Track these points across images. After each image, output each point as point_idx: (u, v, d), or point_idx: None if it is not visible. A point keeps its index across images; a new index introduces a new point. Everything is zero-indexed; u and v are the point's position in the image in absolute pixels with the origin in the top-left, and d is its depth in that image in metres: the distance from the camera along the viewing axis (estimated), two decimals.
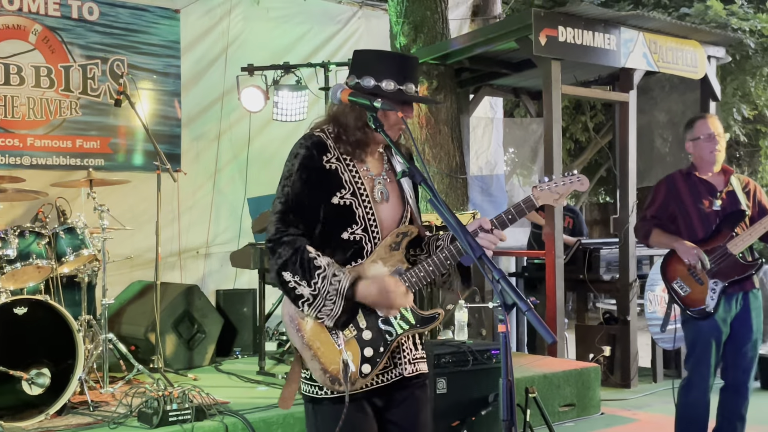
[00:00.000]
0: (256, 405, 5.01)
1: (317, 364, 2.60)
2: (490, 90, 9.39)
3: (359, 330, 2.64)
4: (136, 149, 7.78)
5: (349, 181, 2.70)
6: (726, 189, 4.71)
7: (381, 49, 2.89)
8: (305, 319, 2.62)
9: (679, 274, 4.69)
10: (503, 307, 2.10)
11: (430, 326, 2.73)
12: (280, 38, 8.68)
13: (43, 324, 4.81)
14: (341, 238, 2.68)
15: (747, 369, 4.66)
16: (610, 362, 7.51)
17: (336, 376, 2.59)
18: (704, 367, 4.62)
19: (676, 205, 4.77)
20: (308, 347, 2.61)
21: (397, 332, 2.67)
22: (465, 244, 2.28)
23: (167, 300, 6.58)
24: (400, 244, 2.71)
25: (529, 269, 8.78)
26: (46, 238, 5.27)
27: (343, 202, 2.67)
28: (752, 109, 12.11)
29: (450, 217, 2.33)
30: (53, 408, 4.72)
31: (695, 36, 7.88)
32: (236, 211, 8.17)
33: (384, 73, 2.69)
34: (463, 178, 8.32)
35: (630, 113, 7.67)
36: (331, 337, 2.61)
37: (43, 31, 7.30)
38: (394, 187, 2.80)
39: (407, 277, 2.67)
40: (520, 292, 2.09)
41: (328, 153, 2.71)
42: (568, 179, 2.76)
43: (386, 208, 2.75)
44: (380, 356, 2.65)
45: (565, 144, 13.25)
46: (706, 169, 4.77)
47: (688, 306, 4.65)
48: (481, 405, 4.85)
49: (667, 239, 4.73)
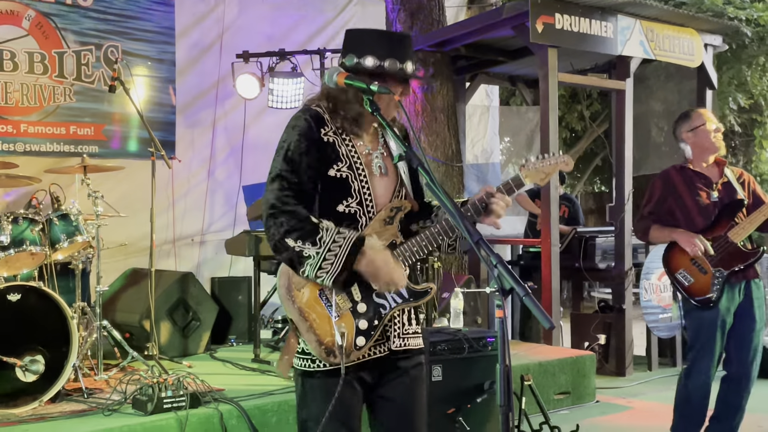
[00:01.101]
0: (251, 392, 4.99)
1: (313, 336, 2.61)
2: (487, 78, 9.37)
3: (354, 303, 2.65)
4: (131, 136, 7.74)
5: (345, 154, 2.71)
6: (721, 180, 4.70)
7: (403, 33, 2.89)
8: (301, 290, 2.63)
9: (683, 264, 4.67)
10: (501, 292, 2.09)
11: (423, 300, 2.75)
12: (275, 25, 8.64)
13: (37, 311, 4.78)
14: (336, 211, 2.69)
15: (750, 360, 4.65)
16: (605, 350, 7.51)
17: (331, 348, 2.61)
18: (707, 357, 4.60)
19: (674, 199, 4.75)
20: (304, 319, 2.62)
21: (391, 305, 2.69)
22: (462, 229, 2.27)
23: (162, 287, 6.57)
24: (394, 219, 2.73)
25: (524, 258, 8.78)
26: (40, 224, 5.23)
27: (340, 174, 2.69)
28: (748, 99, 12.11)
29: (447, 201, 2.32)
30: (47, 395, 4.69)
31: (692, 24, 7.86)
32: (231, 198, 8.15)
33: (385, 51, 2.70)
34: (459, 166, 8.30)
35: (626, 101, 7.66)
36: (326, 310, 2.62)
37: (37, 17, 7.25)
38: (390, 162, 2.82)
39: (400, 251, 2.69)
40: (517, 277, 2.07)
41: (325, 126, 2.72)
42: (553, 159, 2.80)
43: (382, 183, 2.77)
44: (374, 329, 2.67)
45: (561, 133, 13.23)
46: (703, 160, 4.74)
47: (693, 296, 4.63)
48: (477, 392, 4.84)
49: (667, 231, 4.71)
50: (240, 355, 6.50)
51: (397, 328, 2.77)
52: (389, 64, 2.69)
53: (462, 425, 4.71)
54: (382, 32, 2.88)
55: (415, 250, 2.69)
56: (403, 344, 2.78)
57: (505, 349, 2.09)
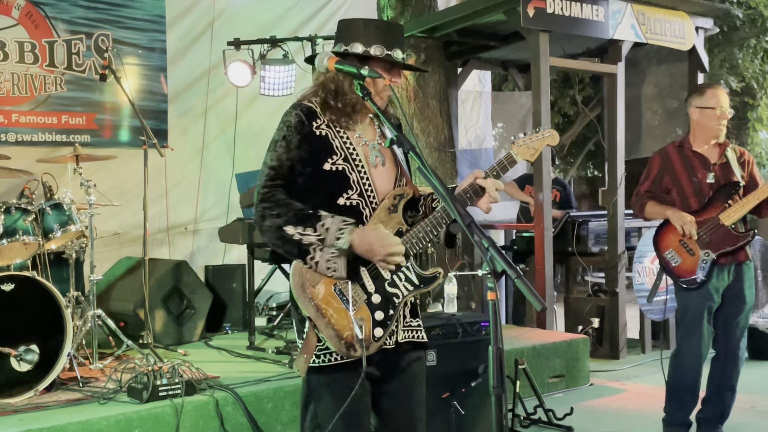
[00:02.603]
0: (246, 379, 5.00)
1: (332, 331, 2.62)
2: (479, 63, 9.36)
3: (368, 294, 2.67)
4: (123, 125, 7.72)
5: (340, 147, 2.72)
6: (720, 161, 4.71)
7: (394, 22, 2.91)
8: (316, 286, 2.63)
9: (672, 245, 4.71)
10: (492, 275, 2.10)
11: (433, 285, 2.77)
12: (266, 12, 8.60)
13: (31, 300, 4.78)
14: (338, 204, 2.70)
15: (738, 339, 4.70)
16: (598, 334, 7.55)
17: (351, 342, 2.62)
18: (695, 336, 4.64)
19: (670, 177, 4.78)
20: (322, 315, 2.63)
21: (403, 293, 2.71)
22: (454, 212, 2.28)
23: (156, 276, 6.57)
24: (398, 206, 2.75)
25: (518, 242, 8.80)
26: (33, 214, 5.22)
27: (335, 167, 2.69)
28: (740, 81, 12.12)
29: (439, 185, 2.33)
30: (42, 384, 4.70)
31: (683, 7, 7.86)
32: (224, 186, 8.13)
33: (372, 39, 2.71)
34: (452, 152, 8.30)
35: (618, 85, 7.66)
36: (343, 304, 2.63)
37: (27, 6, 7.21)
38: (388, 152, 2.83)
39: (407, 239, 2.70)
40: (509, 260, 2.08)
41: (317, 119, 2.73)
42: (540, 134, 2.82)
43: (381, 173, 2.79)
44: (390, 319, 2.69)
45: (554, 118, 13.24)
46: (703, 141, 4.75)
47: (679, 276, 4.68)
48: (471, 377, 4.85)
49: (661, 209, 4.74)
50: (235, 342, 6.52)
51: (403, 321, 2.79)
52: (375, 50, 2.70)
53: (457, 409, 4.73)
54: (371, 20, 2.89)
55: (422, 236, 2.70)
56: (408, 336, 2.81)
57: (497, 330, 2.10)
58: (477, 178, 2.70)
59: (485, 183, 2.68)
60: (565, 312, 8.04)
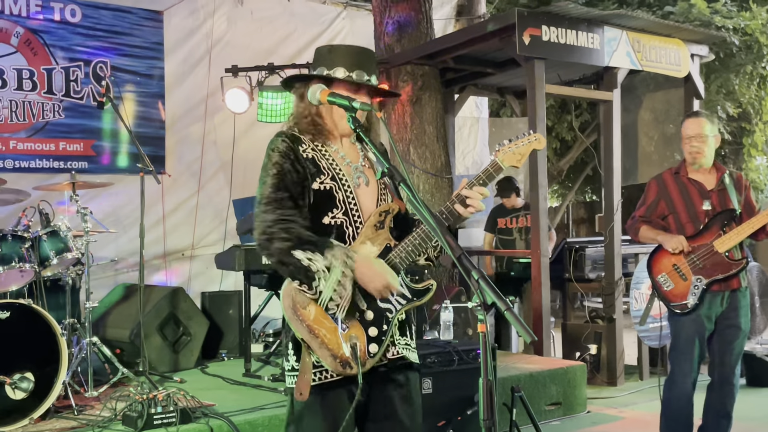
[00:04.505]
0: (241, 407, 4.99)
1: (326, 351, 2.62)
2: (475, 90, 9.40)
3: (361, 312, 2.68)
4: (120, 152, 7.76)
5: (326, 167, 2.77)
6: (717, 188, 4.71)
7: (364, 47, 2.94)
8: (306, 307, 2.63)
9: (665, 269, 4.72)
10: (482, 307, 2.10)
11: (426, 298, 2.78)
12: (264, 39, 8.67)
13: (27, 328, 4.77)
14: (323, 223, 2.73)
15: (732, 366, 4.68)
16: (596, 360, 7.52)
17: (346, 360, 2.62)
18: (686, 361, 4.63)
19: (666, 203, 4.79)
20: (315, 336, 2.62)
21: (396, 308, 2.72)
22: (445, 244, 2.28)
23: (152, 302, 6.56)
24: (384, 222, 2.76)
25: (514, 268, 8.78)
26: (29, 241, 5.23)
27: (323, 186, 2.74)
28: (736, 107, 12.15)
29: (429, 216, 2.34)
30: (37, 412, 4.69)
31: (679, 34, 7.91)
32: (221, 212, 8.15)
33: (336, 62, 2.79)
34: (449, 178, 8.32)
35: (614, 112, 7.70)
36: (334, 323, 2.63)
37: (25, 34, 7.27)
38: (371, 171, 2.87)
39: (396, 254, 2.71)
40: (499, 292, 2.08)
41: (303, 144, 2.79)
42: (526, 139, 2.81)
43: (366, 192, 2.82)
44: (384, 334, 2.69)
45: (551, 143, 13.26)
46: (691, 168, 4.77)
47: (669, 301, 4.69)
48: (467, 404, 4.85)
49: (654, 234, 4.76)
50: (231, 369, 6.50)
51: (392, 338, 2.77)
52: (357, 75, 2.77)
53: None
54: (338, 45, 2.93)
55: (410, 250, 2.71)
56: (397, 352, 2.78)
57: (488, 362, 2.10)
58: (462, 188, 2.73)
59: (470, 193, 2.71)
60: (563, 338, 8.02)
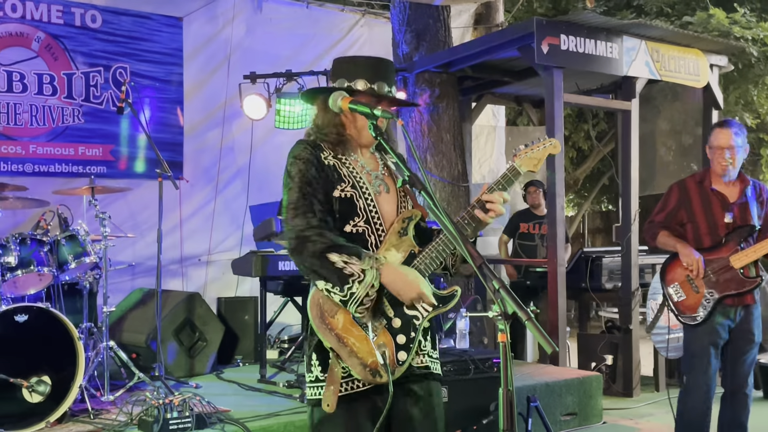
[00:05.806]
0: (256, 413, 4.99)
1: (356, 360, 2.62)
2: (493, 98, 9.40)
3: (388, 319, 2.68)
4: (139, 157, 7.79)
5: (347, 175, 2.77)
6: (739, 201, 4.67)
7: (381, 56, 2.95)
8: (335, 316, 2.63)
9: (678, 279, 4.69)
10: (503, 316, 2.10)
11: (451, 304, 2.77)
12: (282, 46, 8.70)
13: (44, 331, 4.80)
14: (344, 232, 2.73)
15: (746, 375, 4.64)
16: (612, 371, 7.48)
17: (376, 369, 2.61)
18: (700, 372, 4.60)
19: (686, 211, 4.74)
20: (344, 344, 2.62)
21: (423, 315, 2.71)
22: (465, 253, 2.28)
23: (169, 307, 6.58)
24: (407, 229, 2.77)
25: (530, 277, 8.76)
26: (48, 245, 5.26)
27: (344, 194, 2.74)
28: (755, 118, 12.09)
29: (450, 225, 2.34)
30: (54, 416, 4.71)
31: (698, 44, 7.87)
32: (238, 218, 8.17)
33: (356, 74, 2.81)
34: (466, 186, 8.31)
35: (632, 122, 7.66)
36: (363, 331, 2.63)
37: (46, 39, 7.32)
38: (391, 181, 2.88)
39: (420, 260, 2.71)
40: (519, 302, 2.08)
41: (324, 152, 2.80)
42: (542, 144, 2.82)
43: (386, 200, 2.82)
44: (412, 341, 2.69)
45: (568, 152, 13.24)
46: (719, 178, 4.71)
47: (680, 312, 4.65)
48: (483, 414, 4.83)
49: (673, 241, 4.71)
50: (246, 375, 6.50)
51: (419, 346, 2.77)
52: (378, 87, 2.79)
53: None
54: (358, 57, 2.96)
55: (434, 256, 2.72)
56: (422, 361, 2.78)
57: (508, 372, 2.09)
58: (483, 193, 2.74)
59: (490, 197, 2.71)
60: (578, 348, 7.99)
